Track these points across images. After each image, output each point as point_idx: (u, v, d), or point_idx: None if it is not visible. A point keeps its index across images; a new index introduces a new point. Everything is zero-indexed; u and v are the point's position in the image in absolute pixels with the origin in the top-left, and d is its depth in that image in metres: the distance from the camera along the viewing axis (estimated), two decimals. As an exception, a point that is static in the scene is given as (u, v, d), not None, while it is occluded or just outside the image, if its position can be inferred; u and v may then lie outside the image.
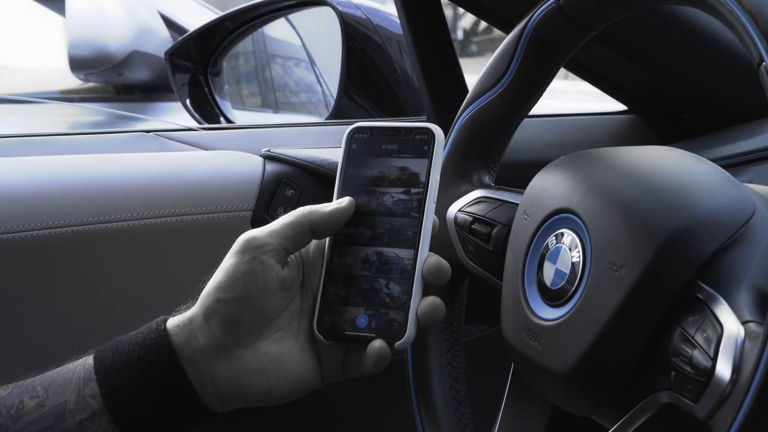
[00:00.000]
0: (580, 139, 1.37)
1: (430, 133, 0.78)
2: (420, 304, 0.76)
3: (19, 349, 1.07)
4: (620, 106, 1.40)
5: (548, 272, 0.78)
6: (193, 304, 0.77)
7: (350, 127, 0.81)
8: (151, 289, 1.12)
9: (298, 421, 1.20)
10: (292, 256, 0.78)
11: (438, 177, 0.78)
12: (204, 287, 0.77)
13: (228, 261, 0.76)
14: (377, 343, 0.75)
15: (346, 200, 0.78)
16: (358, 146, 0.80)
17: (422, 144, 0.78)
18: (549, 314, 0.77)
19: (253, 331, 0.76)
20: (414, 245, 0.76)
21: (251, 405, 0.77)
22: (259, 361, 0.76)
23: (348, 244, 0.79)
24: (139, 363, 0.74)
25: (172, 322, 0.77)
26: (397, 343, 0.75)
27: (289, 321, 0.78)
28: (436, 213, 0.78)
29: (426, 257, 0.76)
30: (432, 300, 0.76)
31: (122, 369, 0.74)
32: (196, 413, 0.75)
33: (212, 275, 0.76)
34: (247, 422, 1.16)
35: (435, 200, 0.77)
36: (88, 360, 0.76)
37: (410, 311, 0.75)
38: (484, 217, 0.90)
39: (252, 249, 0.75)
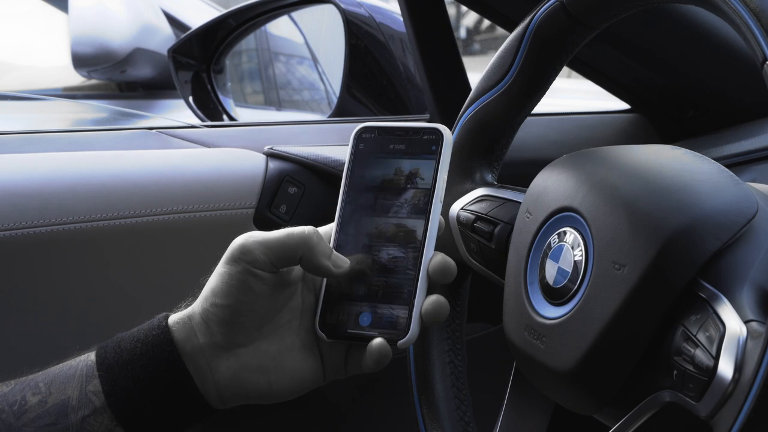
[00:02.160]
0: (582, 137, 1.37)
1: (438, 134, 0.78)
2: (424, 302, 0.75)
3: (21, 346, 1.07)
4: (623, 105, 1.40)
5: (551, 271, 0.78)
6: (194, 302, 0.77)
7: (358, 127, 0.80)
8: (153, 286, 1.12)
9: (300, 420, 1.20)
10: None
11: (445, 177, 0.77)
12: (204, 285, 0.77)
13: (221, 268, 0.75)
14: (378, 341, 0.74)
15: (345, 264, 0.76)
16: (365, 146, 0.80)
17: (430, 144, 0.78)
18: (551, 313, 0.77)
19: (252, 332, 0.76)
20: (420, 245, 0.76)
21: (252, 402, 0.77)
22: (258, 359, 0.76)
23: (353, 243, 0.79)
24: (141, 359, 0.74)
25: (173, 318, 0.77)
26: (401, 342, 0.75)
27: (289, 319, 0.77)
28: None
29: (431, 256, 0.76)
30: (436, 298, 0.75)
31: (124, 365, 0.74)
32: (197, 410, 0.75)
33: (211, 274, 0.76)
34: (249, 422, 1.16)
35: (442, 200, 0.77)
36: (90, 356, 0.76)
37: (414, 309, 0.75)
38: (486, 215, 0.90)
39: (243, 261, 0.74)
